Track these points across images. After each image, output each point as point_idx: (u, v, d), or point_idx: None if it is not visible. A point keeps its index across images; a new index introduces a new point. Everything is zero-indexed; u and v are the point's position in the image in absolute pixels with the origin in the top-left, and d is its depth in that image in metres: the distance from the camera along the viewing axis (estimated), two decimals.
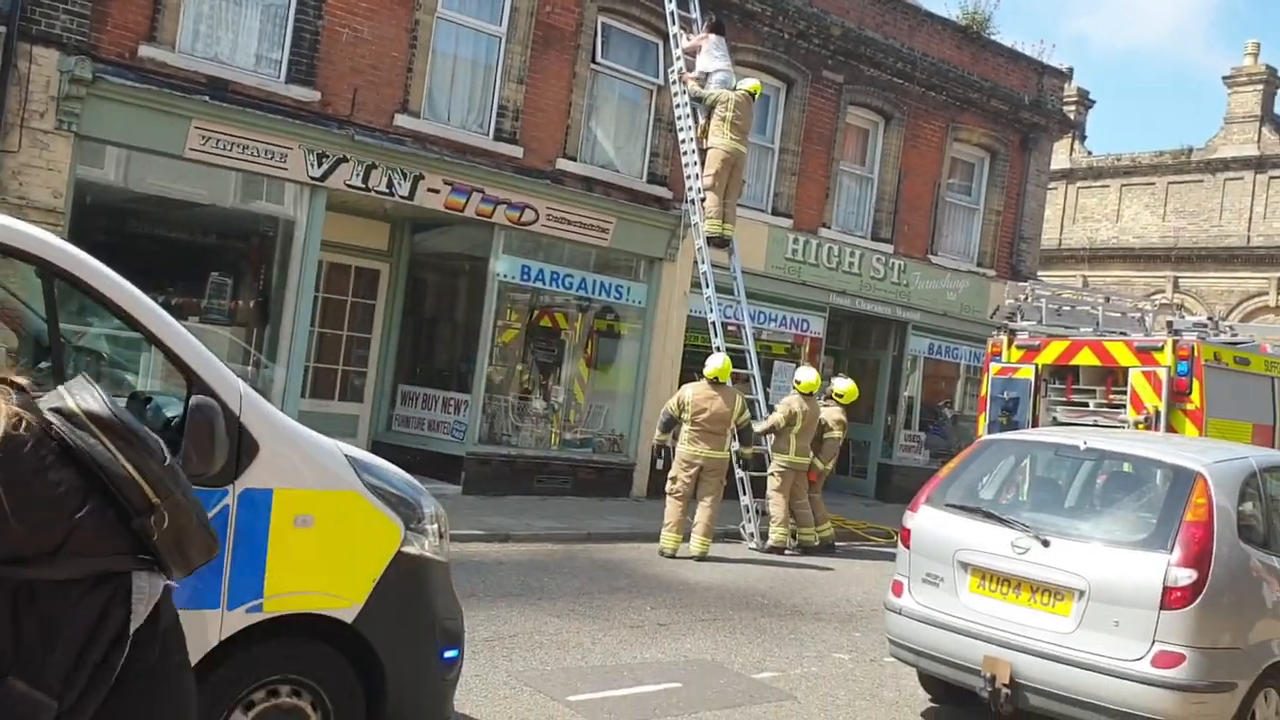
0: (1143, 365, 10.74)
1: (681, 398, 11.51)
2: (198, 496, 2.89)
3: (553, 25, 14.12)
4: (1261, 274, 28.17)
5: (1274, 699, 5.77)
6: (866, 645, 8.22)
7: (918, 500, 6.66)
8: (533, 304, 14.95)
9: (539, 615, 7.98)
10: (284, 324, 12.30)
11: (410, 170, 12.68)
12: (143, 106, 10.90)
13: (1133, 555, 5.66)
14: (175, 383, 3.90)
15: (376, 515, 4.13)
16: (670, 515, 11.33)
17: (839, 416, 13.29)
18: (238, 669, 3.81)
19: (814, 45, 16.73)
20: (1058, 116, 20.72)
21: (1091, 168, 31.58)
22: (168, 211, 12.13)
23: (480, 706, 5.78)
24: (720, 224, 13.61)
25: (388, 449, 12.74)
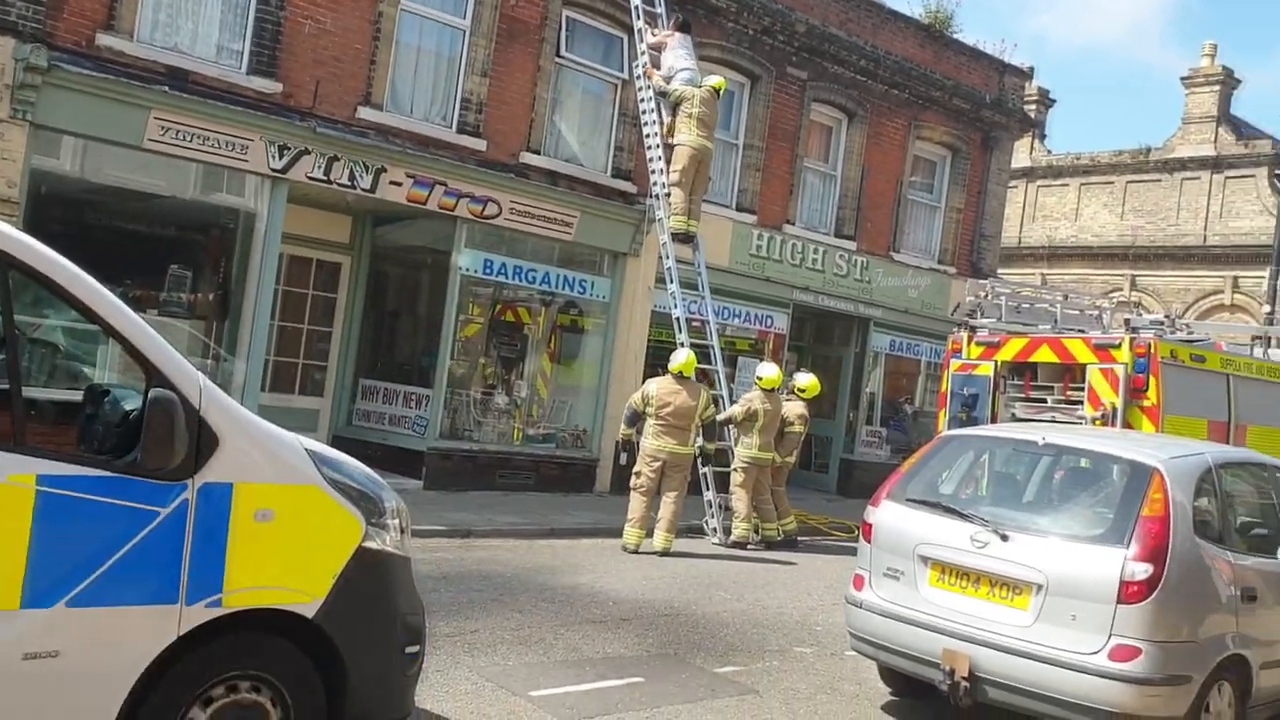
0: (1100, 362, 10.87)
1: (646, 392, 11.54)
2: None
3: (517, 18, 14.06)
4: (1217, 273, 28.62)
5: (1227, 692, 5.86)
6: (828, 639, 8.27)
7: (879, 495, 6.71)
8: (495, 298, 14.88)
9: (501, 611, 7.96)
10: (244, 317, 12.17)
11: (373, 163, 12.59)
12: (100, 96, 10.74)
13: (1090, 550, 5.73)
14: (134, 376, 3.86)
15: (337, 510, 4.10)
16: (634, 510, 11.34)
17: (800, 411, 13.35)
18: (196, 665, 3.77)
19: (779, 42, 16.78)
20: (1019, 115, 20.93)
21: (1051, 166, 31.93)
22: (126, 203, 11.96)
23: (442, 702, 5.76)
24: (686, 220, 13.63)
25: (349, 443, 12.64)
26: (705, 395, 11.74)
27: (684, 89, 13.50)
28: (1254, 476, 7.03)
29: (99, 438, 3.72)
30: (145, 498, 3.62)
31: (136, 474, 3.60)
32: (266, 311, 12.27)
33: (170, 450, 3.60)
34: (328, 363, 14.24)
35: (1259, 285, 26.39)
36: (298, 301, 13.83)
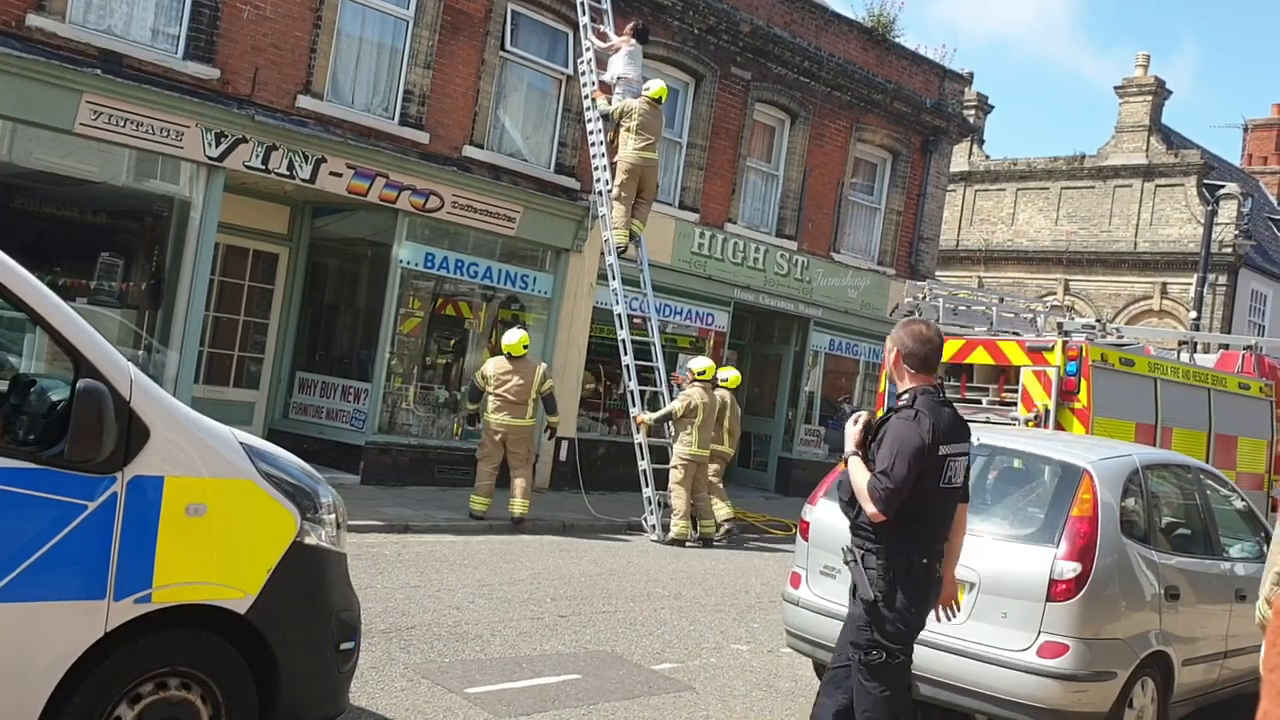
0: (1034, 365, 11.08)
1: (484, 372, 12.04)
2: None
3: (461, 10, 13.95)
4: (1147, 279, 29.30)
5: (1150, 687, 6.01)
6: (764, 636, 8.33)
7: (816, 494, 6.77)
8: (436, 292, 14.77)
9: (438, 607, 7.90)
10: (177, 307, 11.95)
11: (312, 153, 12.42)
12: (29, 78, 10.45)
13: (1021, 549, 5.83)
14: (62, 365, 3.77)
15: (272, 504, 4.05)
16: (479, 479, 11.95)
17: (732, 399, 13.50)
18: (124, 661, 3.70)
19: (723, 41, 16.84)
20: (958, 120, 21.23)
21: (989, 171, 32.45)
22: (56, 188, 11.67)
23: (377, 699, 5.71)
24: (628, 235, 13.67)
25: (285, 437, 12.48)
26: (539, 371, 12.04)
27: (623, 103, 13.50)
28: (1178, 478, 7.21)
29: (24, 428, 3.62)
30: (72, 490, 3.53)
31: (63, 466, 3.51)
32: (201, 302, 12.05)
33: (98, 442, 3.52)
34: (264, 355, 14.03)
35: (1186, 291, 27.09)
36: (233, 292, 13.60)
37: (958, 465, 4.30)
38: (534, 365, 12.09)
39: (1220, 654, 6.60)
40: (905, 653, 4.28)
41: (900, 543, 4.25)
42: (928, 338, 4.40)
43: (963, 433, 4.35)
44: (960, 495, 4.49)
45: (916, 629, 4.33)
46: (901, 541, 4.24)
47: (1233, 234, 28.11)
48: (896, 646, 4.24)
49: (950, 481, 4.27)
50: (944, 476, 4.24)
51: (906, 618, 4.25)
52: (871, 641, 4.23)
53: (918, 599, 4.27)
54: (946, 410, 4.33)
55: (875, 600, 4.20)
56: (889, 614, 4.22)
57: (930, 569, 4.26)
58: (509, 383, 11.79)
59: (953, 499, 4.39)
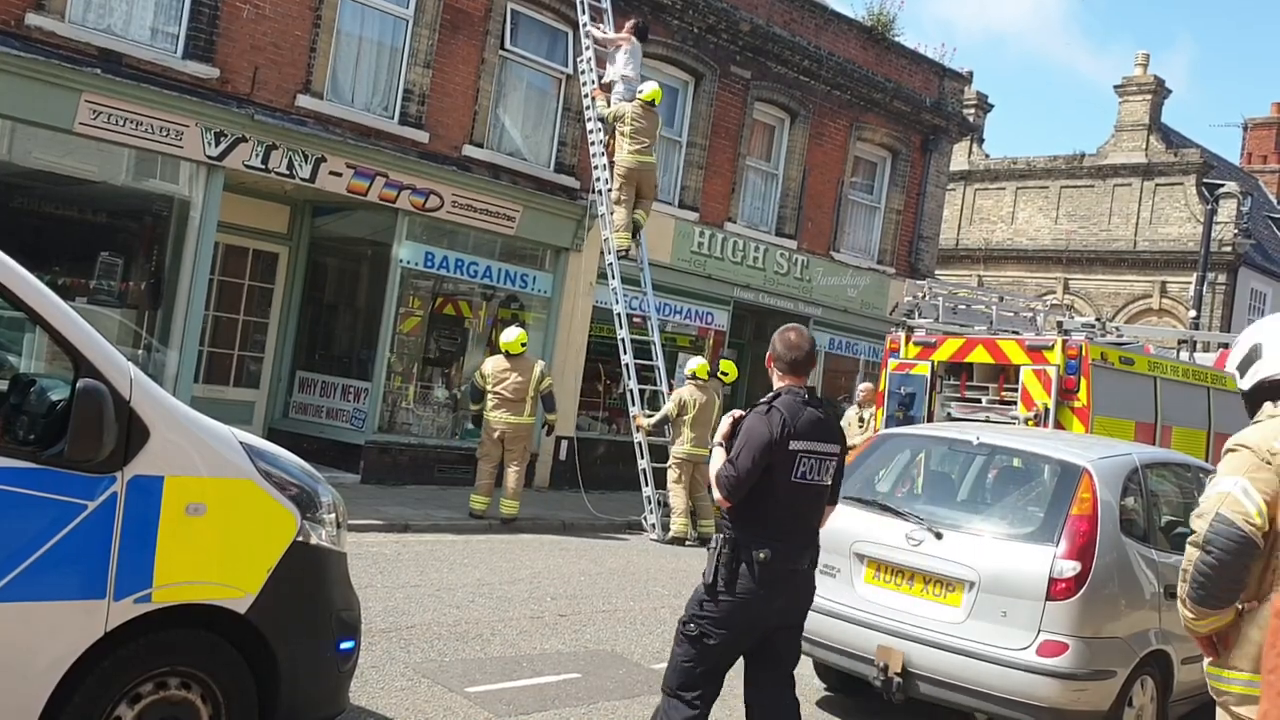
0: (1033, 364, 11.07)
1: (483, 370, 12.02)
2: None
3: (461, 9, 13.95)
4: (1147, 278, 29.31)
5: (1149, 686, 6.01)
6: None
7: None
8: (436, 291, 14.77)
9: (438, 606, 7.91)
10: (177, 307, 11.95)
11: (312, 152, 12.41)
12: (29, 77, 10.45)
13: (1021, 548, 5.83)
14: (61, 365, 3.77)
15: (272, 504, 4.05)
16: (479, 478, 11.96)
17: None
18: (124, 661, 3.70)
19: (723, 40, 16.84)
20: (958, 119, 21.23)
21: (988, 170, 32.46)
22: (55, 187, 11.67)
23: (377, 698, 5.71)
24: (628, 237, 13.65)
25: (285, 436, 12.48)
26: (537, 369, 12.03)
27: (617, 107, 13.48)
28: (1178, 476, 7.21)
29: (25, 428, 3.62)
30: (72, 490, 3.53)
31: (63, 466, 3.51)
32: (201, 301, 12.05)
33: (98, 442, 3.52)
34: (264, 354, 14.02)
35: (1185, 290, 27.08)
36: (233, 292, 13.60)
37: (813, 463, 4.44)
38: (532, 363, 12.11)
39: None
40: (726, 638, 4.42)
41: (746, 533, 4.42)
42: (796, 344, 4.61)
43: (825, 434, 4.50)
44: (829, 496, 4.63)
45: (750, 618, 4.43)
46: (747, 532, 4.42)
47: (1232, 233, 28.12)
48: (716, 630, 4.41)
49: (804, 477, 4.42)
50: (795, 471, 4.39)
51: (735, 605, 4.39)
52: (695, 615, 4.46)
53: (753, 590, 4.38)
54: (809, 410, 4.49)
55: (710, 583, 4.44)
56: (719, 598, 4.41)
57: (773, 563, 4.38)
58: (507, 380, 11.79)
59: (810, 495, 4.50)
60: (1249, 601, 3.29)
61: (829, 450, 4.51)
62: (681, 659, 4.49)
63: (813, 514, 4.59)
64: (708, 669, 4.47)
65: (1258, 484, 3.20)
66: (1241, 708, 3.27)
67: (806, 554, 4.57)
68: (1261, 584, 3.26)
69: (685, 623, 4.50)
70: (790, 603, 4.54)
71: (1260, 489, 3.20)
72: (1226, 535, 3.19)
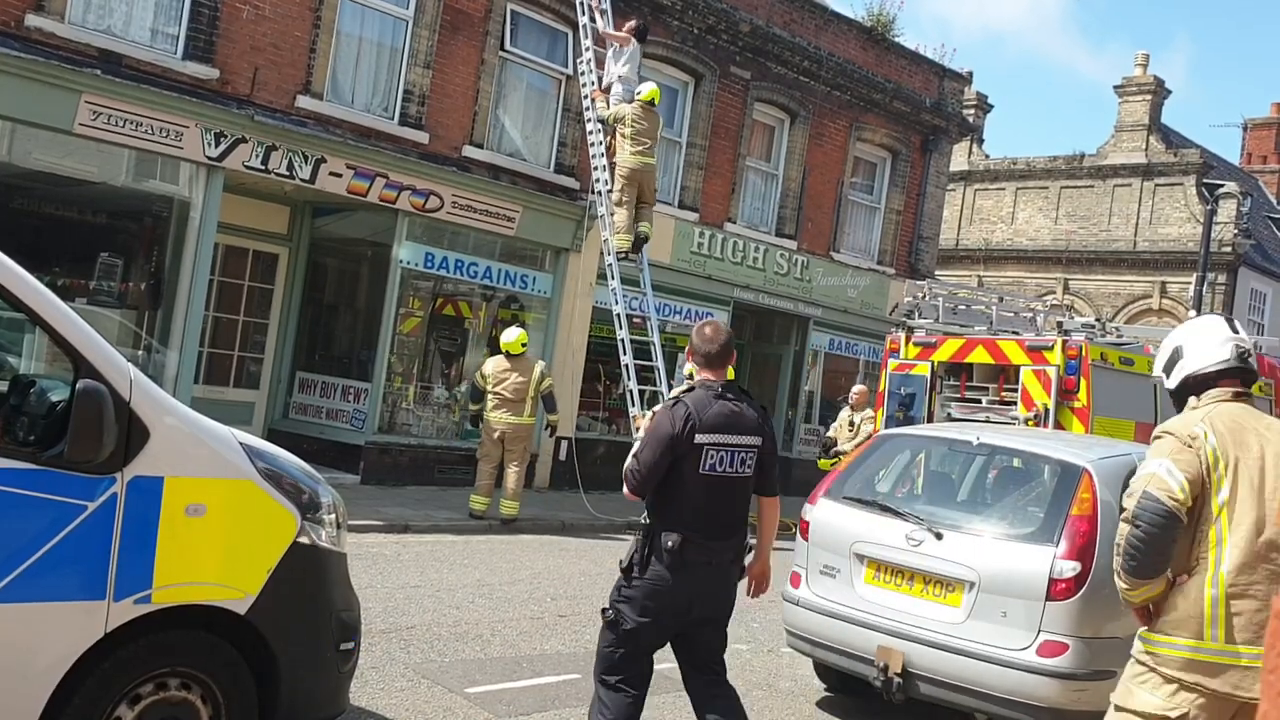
0: (1033, 364, 11.07)
1: (483, 371, 12.02)
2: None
3: (461, 10, 13.95)
4: (1146, 278, 29.29)
5: None
6: (764, 636, 8.33)
7: (816, 493, 6.77)
8: (436, 292, 14.78)
9: (437, 607, 7.91)
10: (177, 307, 11.95)
11: (312, 153, 12.42)
12: (28, 78, 10.46)
13: (1021, 548, 5.83)
14: (61, 366, 3.77)
15: (272, 505, 4.05)
16: (479, 478, 11.98)
17: None
18: (124, 662, 3.70)
19: (723, 41, 16.84)
20: (958, 120, 21.23)
21: (988, 170, 32.44)
22: (55, 188, 11.67)
23: (377, 699, 5.71)
24: (629, 240, 13.62)
25: (285, 437, 12.48)
26: (538, 370, 12.05)
27: (617, 108, 13.45)
28: None
29: (25, 429, 3.62)
30: (72, 491, 3.53)
31: (63, 467, 3.51)
32: (201, 302, 12.06)
33: (98, 443, 3.52)
34: (264, 355, 14.03)
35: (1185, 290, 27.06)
36: (233, 292, 13.61)
37: (723, 455, 4.48)
38: (532, 363, 12.12)
39: None
40: (642, 623, 4.49)
41: (659, 522, 4.51)
42: (712, 338, 4.67)
43: (738, 427, 4.53)
44: (755, 486, 4.68)
45: (662, 604, 4.50)
46: (660, 521, 4.51)
47: (1232, 233, 28.11)
48: (631, 614, 4.48)
49: (713, 470, 4.46)
50: (703, 464, 4.43)
51: (649, 591, 4.47)
52: (613, 601, 4.56)
53: (664, 576, 4.46)
54: (722, 403, 4.53)
55: (625, 568, 4.55)
56: (632, 583, 4.50)
57: (682, 551, 4.43)
58: (507, 381, 11.80)
59: (724, 487, 4.53)
60: (1179, 575, 3.61)
61: (743, 443, 4.54)
62: (603, 645, 4.59)
63: (731, 506, 4.60)
64: (629, 653, 4.54)
65: (1180, 464, 3.55)
66: (1185, 673, 3.52)
67: (726, 545, 4.59)
68: (1189, 558, 3.59)
69: (604, 609, 4.61)
70: (708, 593, 4.59)
71: (1183, 469, 3.54)
72: (1153, 510, 3.52)
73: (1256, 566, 3.49)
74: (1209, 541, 3.55)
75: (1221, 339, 3.85)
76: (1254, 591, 3.47)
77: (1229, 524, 3.53)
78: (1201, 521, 3.56)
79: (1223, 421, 3.62)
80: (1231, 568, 3.49)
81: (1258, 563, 3.49)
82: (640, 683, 4.57)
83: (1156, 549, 3.54)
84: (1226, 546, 3.52)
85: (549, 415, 12.21)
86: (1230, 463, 3.55)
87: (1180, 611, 3.57)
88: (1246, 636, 3.44)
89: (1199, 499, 3.54)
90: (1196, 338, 3.90)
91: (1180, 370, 3.89)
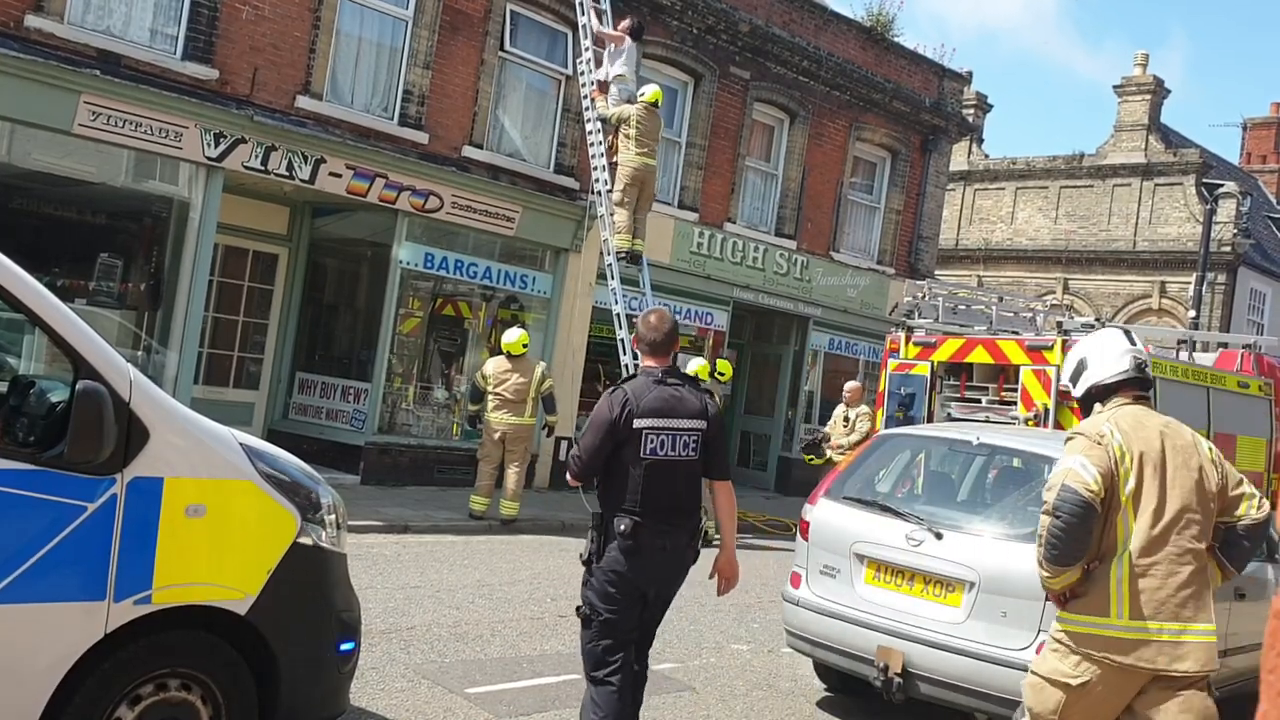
0: (1033, 364, 11.05)
1: (484, 371, 12.01)
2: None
3: (460, 10, 13.95)
4: (1146, 278, 29.29)
5: None
6: (764, 636, 8.33)
7: (816, 493, 6.77)
8: (436, 292, 14.78)
9: (438, 607, 7.90)
10: (177, 308, 11.95)
11: (311, 153, 12.42)
12: (28, 79, 10.45)
13: (1021, 548, 5.82)
14: (61, 367, 3.77)
15: (272, 505, 4.05)
16: (479, 479, 11.98)
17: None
18: (124, 663, 3.70)
19: (722, 41, 16.84)
20: (957, 119, 21.23)
21: (988, 170, 32.44)
22: (54, 189, 11.67)
23: (377, 699, 5.71)
24: (630, 239, 13.61)
25: (284, 437, 12.48)
26: (539, 370, 12.05)
27: (620, 109, 13.43)
28: None
29: (24, 430, 3.62)
30: (72, 492, 3.53)
31: (63, 468, 3.51)
32: (200, 303, 12.05)
33: (98, 443, 3.52)
34: (264, 356, 14.02)
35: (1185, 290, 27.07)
36: (233, 293, 13.60)
37: (664, 439, 4.55)
38: (533, 364, 12.12)
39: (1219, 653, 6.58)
40: (613, 611, 4.58)
41: (608, 509, 4.61)
42: (655, 327, 4.75)
43: (679, 410, 4.61)
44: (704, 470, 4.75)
45: (625, 588, 4.58)
46: (608, 508, 4.61)
47: (1231, 233, 28.12)
48: (600, 604, 4.58)
49: (655, 453, 4.52)
50: (644, 448, 4.50)
51: (610, 578, 4.57)
52: (584, 597, 4.67)
53: (625, 562, 4.55)
54: (662, 389, 4.62)
55: (585, 560, 4.67)
56: (595, 574, 4.62)
57: (634, 535, 4.51)
58: (508, 381, 11.79)
59: (668, 470, 4.59)
60: (1091, 561, 3.96)
61: (684, 426, 4.60)
62: (585, 642, 4.69)
63: (677, 489, 4.65)
64: (610, 643, 4.62)
65: (1093, 460, 3.91)
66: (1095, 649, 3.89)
67: (679, 528, 4.66)
68: (1100, 546, 3.95)
69: (578, 608, 4.69)
70: (664, 578, 4.69)
71: (1095, 463, 3.90)
72: (1072, 502, 3.85)
73: (1158, 549, 3.85)
74: (1117, 529, 3.91)
75: (1120, 351, 4.20)
76: (1155, 571, 3.84)
77: (1134, 512, 3.89)
78: (1110, 511, 3.91)
79: (1126, 421, 4.00)
80: (1136, 550, 3.86)
81: (1159, 546, 3.86)
82: (625, 675, 4.61)
83: (1076, 537, 3.86)
84: (1133, 532, 3.88)
85: (548, 416, 12.21)
86: (1135, 457, 3.91)
87: (1092, 593, 3.92)
88: (1150, 612, 3.81)
89: (1109, 490, 3.88)
90: (1099, 351, 4.25)
91: (1085, 380, 4.26)
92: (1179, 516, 3.88)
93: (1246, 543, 4.08)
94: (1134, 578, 3.84)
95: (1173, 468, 3.92)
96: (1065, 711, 3.91)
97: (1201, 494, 3.93)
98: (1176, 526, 3.87)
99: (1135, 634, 3.81)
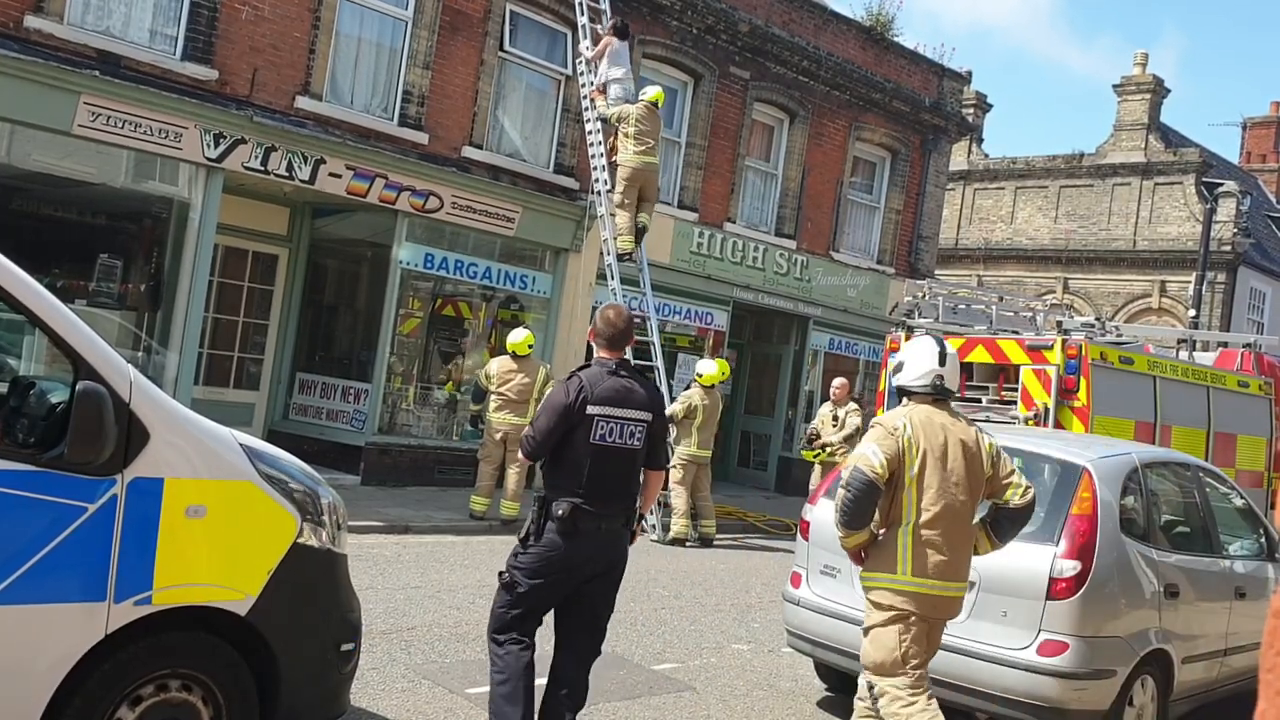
0: (1033, 363, 11.07)
1: (488, 371, 11.99)
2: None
3: (460, 11, 13.95)
4: (1146, 277, 29.29)
5: (1150, 685, 6.01)
6: (765, 636, 8.33)
7: (816, 493, 6.78)
8: (436, 292, 14.78)
9: (438, 608, 7.90)
10: (177, 309, 11.95)
11: (311, 154, 12.42)
12: (27, 79, 10.46)
13: (1021, 547, 5.81)
14: (61, 368, 3.77)
15: (272, 506, 4.05)
16: (480, 479, 11.98)
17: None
18: (125, 663, 3.70)
19: (722, 41, 16.84)
20: (957, 119, 21.23)
21: (988, 170, 32.44)
22: (54, 189, 11.67)
23: (378, 700, 5.71)
24: (631, 241, 13.62)
25: (285, 438, 12.48)
26: (543, 371, 12.03)
27: (621, 108, 13.41)
28: (1177, 476, 7.21)
29: (24, 431, 3.62)
30: (72, 493, 3.53)
31: (63, 468, 3.51)
32: (200, 303, 12.05)
33: (98, 444, 3.52)
34: (264, 356, 14.02)
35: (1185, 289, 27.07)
36: (233, 293, 13.60)
37: (613, 426, 4.75)
38: (538, 365, 12.09)
39: (1220, 651, 6.60)
40: (535, 586, 4.76)
41: (551, 490, 4.80)
42: (612, 321, 4.97)
43: (630, 401, 4.81)
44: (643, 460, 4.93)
45: (555, 567, 4.76)
46: (552, 489, 4.80)
47: (1231, 232, 28.11)
48: (525, 579, 4.76)
49: (603, 440, 4.72)
50: (594, 434, 4.71)
51: (540, 555, 4.74)
52: (510, 565, 4.83)
53: (557, 543, 4.71)
54: (615, 379, 4.82)
55: (523, 536, 4.82)
56: (528, 548, 4.77)
57: (573, 517, 4.68)
58: (512, 381, 11.77)
59: (613, 456, 4.78)
60: (881, 527, 4.87)
61: (633, 416, 4.81)
62: (497, 605, 4.86)
63: (620, 475, 4.86)
64: (521, 613, 4.82)
65: (883, 447, 4.77)
66: (890, 597, 4.78)
67: (615, 512, 4.84)
68: (887, 516, 4.84)
69: (500, 573, 4.85)
70: (599, 555, 4.82)
71: (884, 450, 4.76)
72: (860, 480, 4.73)
73: (937, 522, 4.74)
74: (902, 503, 4.77)
75: (926, 369, 4.97)
76: (933, 539, 4.75)
77: (918, 491, 4.76)
78: (898, 489, 4.78)
79: (919, 417, 4.86)
80: (920, 522, 4.75)
81: (938, 520, 4.74)
82: (527, 639, 4.84)
83: (861, 507, 4.75)
84: (917, 507, 4.75)
85: None
86: (920, 447, 4.77)
87: (884, 555, 4.83)
88: (928, 571, 4.75)
89: (895, 473, 4.75)
90: (913, 361, 5.02)
91: (899, 379, 5.09)
92: (954, 497, 4.76)
93: (1010, 522, 4.97)
94: (917, 544, 4.74)
95: (952, 458, 4.79)
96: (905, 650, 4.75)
97: (974, 480, 4.84)
98: (952, 506, 4.75)
99: (918, 588, 4.74)
